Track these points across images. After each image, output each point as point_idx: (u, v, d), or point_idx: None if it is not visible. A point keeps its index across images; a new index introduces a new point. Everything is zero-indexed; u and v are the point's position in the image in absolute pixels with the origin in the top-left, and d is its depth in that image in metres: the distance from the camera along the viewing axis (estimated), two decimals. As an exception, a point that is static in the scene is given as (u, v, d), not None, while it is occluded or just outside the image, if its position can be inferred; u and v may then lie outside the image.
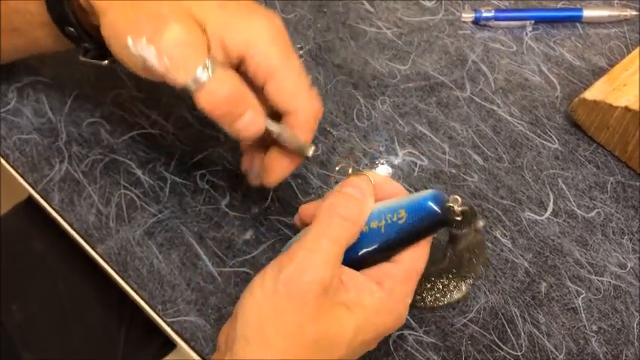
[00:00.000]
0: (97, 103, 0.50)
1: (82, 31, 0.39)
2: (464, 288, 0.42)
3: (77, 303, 0.58)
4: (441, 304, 0.42)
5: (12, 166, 0.48)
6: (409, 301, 0.35)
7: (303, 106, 0.36)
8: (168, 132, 0.49)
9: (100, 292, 0.59)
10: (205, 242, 0.45)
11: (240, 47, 0.35)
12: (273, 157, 0.38)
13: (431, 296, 0.42)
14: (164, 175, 0.47)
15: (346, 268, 0.35)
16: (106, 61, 0.41)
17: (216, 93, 0.33)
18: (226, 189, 0.47)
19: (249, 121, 0.35)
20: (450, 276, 0.42)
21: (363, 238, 0.35)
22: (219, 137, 0.49)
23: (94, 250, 0.45)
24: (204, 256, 0.44)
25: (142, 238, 0.45)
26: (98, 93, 0.51)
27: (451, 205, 0.35)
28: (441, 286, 0.42)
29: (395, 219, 0.34)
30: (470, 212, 0.36)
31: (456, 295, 0.42)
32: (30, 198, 0.59)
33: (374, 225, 0.35)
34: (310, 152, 0.37)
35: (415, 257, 0.35)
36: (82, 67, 0.52)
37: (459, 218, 0.35)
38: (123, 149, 0.48)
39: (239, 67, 0.36)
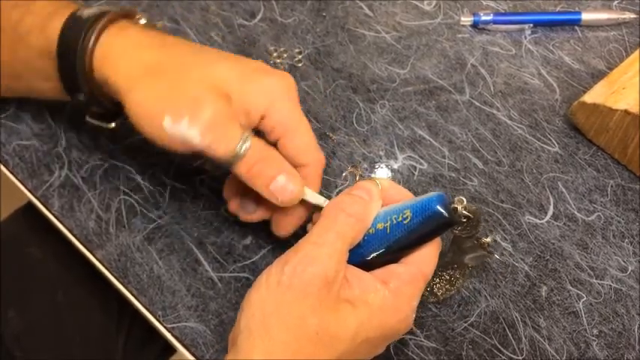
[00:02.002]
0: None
1: (92, 100, 0.40)
2: (467, 273, 0.43)
3: (76, 310, 0.58)
4: (451, 293, 0.42)
5: (11, 172, 0.48)
6: (415, 304, 0.35)
7: (314, 159, 0.39)
8: (167, 137, 0.49)
9: (99, 299, 0.58)
10: (205, 247, 0.45)
11: (260, 110, 0.37)
12: (285, 211, 0.40)
13: (441, 288, 0.42)
14: (164, 181, 0.47)
15: (351, 267, 0.35)
16: (113, 124, 0.42)
17: (252, 159, 0.36)
18: (226, 194, 0.47)
19: (284, 184, 0.37)
20: (456, 266, 0.42)
21: (369, 240, 0.35)
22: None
23: (94, 256, 0.45)
24: (204, 262, 0.44)
25: (141, 244, 0.45)
26: (97, 98, 0.51)
27: (455, 206, 0.35)
28: (448, 277, 0.42)
29: (400, 219, 0.35)
30: (475, 216, 0.36)
31: (461, 281, 0.42)
32: (29, 204, 0.59)
33: (380, 226, 0.35)
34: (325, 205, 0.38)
35: (423, 260, 0.35)
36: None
37: (463, 220, 0.35)
38: (122, 155, 0.48)
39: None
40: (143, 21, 0.42)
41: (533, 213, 0.46)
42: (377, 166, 0.48)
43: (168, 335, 0.42)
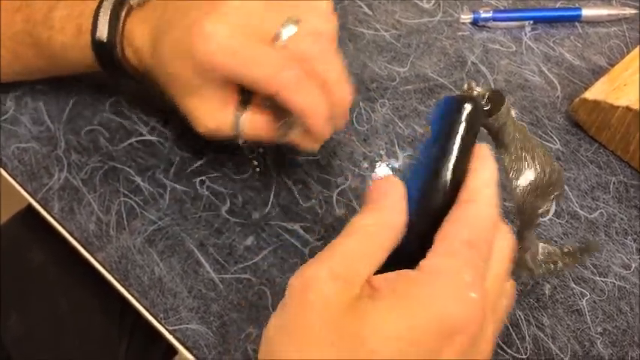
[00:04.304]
0: (95, 110, 0.50)
1: (125, 73, 0.42)
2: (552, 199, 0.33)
3: (77, 314, 0.57)
4: (552, 270, 0.34)
5: (11, 175, 0.47)
6: (469, 278, 0.26)
7: None
8: (167, 139, 0.49)
9: (100, 303, 0.58)
10: (206, 249, 0.44)
11: None
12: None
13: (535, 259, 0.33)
14: (164, 182, 0.47)
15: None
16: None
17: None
18: (226, 195, 0.47)
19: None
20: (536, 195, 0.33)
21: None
22: (219, 143, 0.49)
23: (95, 259, 0.44)
24: (205, 263, 0.44)
25: (142, 246, 0.45)
26: (96, 101, 0.51)
27: (468, 89, 0.30)
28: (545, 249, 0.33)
29: (423, 141, 0.31)
30: (495, 93, 0.30)
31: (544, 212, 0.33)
32: (29, 207, 0.58)
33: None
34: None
35: (465, 219, 0.28)
36: (79, 74, 0.52)
37: (486, 104, 0.30)
38: (122, 156, 0.48)
39: None
40: None
41: (536, 211, 0.46)
42: (377, 165, 0.48)
43: (170, 338, 0.42)
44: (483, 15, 0.55)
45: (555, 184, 0.33)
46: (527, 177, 0.33)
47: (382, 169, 0.48)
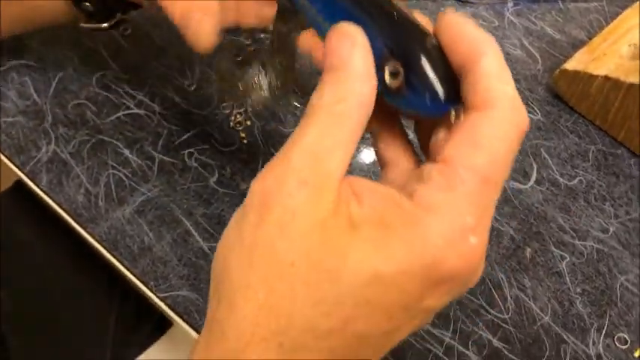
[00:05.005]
0: (81, 85, 0.50)
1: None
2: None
3: (66, 289, 0.58)
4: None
5: (-2, 149, 0.48)
6: (471, 220, 0.21)
7: None
8: (154, 112, 0.49)
9: (89, 278, 0.59)
10: (195, 219, 0.45)
11: None
12: None
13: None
14: (152, 155, 0.48)
15: (358, 178, 0.23)
16: (105, 25, 0.41)
17: None
18: (214, 167, 0.47)
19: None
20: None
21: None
22: (206, 116, 0.49)
23: (84, 230, 0.45)
24: (194, 232, 0.45)
25: (131, 217, 0.45)
26: (82, 75, 0.51)
27: None
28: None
29: None
30: None
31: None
32: (17, 184, 0.59)
33: None
34: None
35: (469, 147, 0.22)
36: (65, 50, 0.52)
37: None
38: (110, 130, 0.48)
39: None
40: None
41: (517, 179, 0.47)
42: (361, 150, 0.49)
43: (162, 305, 0.42)
44: (466, -10, 0.56)
45: None
46: None
47: (366, 155, 0.49)
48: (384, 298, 0.21)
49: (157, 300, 0.42)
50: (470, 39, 0.23)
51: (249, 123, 0.49)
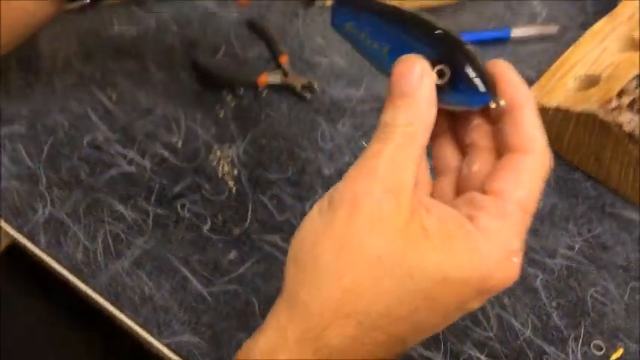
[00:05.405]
0: (73, 147, 0.53)
1: None
2: None
3: (58, 350, 0.58)
4: None
5: (-5, 214, 0.49)
6: (517, 245, 0.26)
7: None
8: (145, 168, 0.52)
9: (83, 342, 0.59)
10: (192, 265, 0.47)
11: None
12: None
13: None
14: (146, 209, 0.50)
15: (428, 197, 0.29)
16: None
17: None
18: (207, 215, 0.50)
19: None
20: None
21: None
22: (195, 168, 0.52)
23: (86, 285, 0.47)
24: (192, 279, 0.47)
25: (130, 269, 0.47)
26: (73, 139, 0.54)
27: None
28: None
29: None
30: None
31: None
32: (9, 249, 0.60)
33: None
34: None
35: (519, 186, 0.27)
36: (55, 116, 0.55)
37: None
38: (104, 188, 0.51)
39: None
40: None
41: (488, 206, 0.51)
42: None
43: (165, 350, 0.44)
44: (425, 39, 0.61)
45: None
46: None
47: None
48: (446, 297, 0.26)
49: (160, 346, 0.44)
50: (515, 85, 0.28)
51: (236, 172, 0.52)
